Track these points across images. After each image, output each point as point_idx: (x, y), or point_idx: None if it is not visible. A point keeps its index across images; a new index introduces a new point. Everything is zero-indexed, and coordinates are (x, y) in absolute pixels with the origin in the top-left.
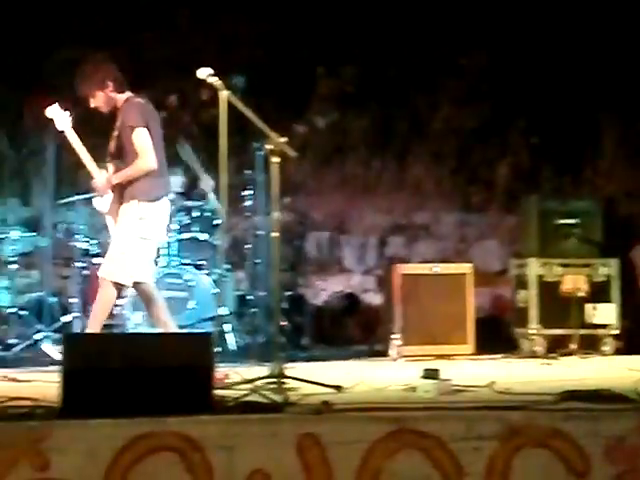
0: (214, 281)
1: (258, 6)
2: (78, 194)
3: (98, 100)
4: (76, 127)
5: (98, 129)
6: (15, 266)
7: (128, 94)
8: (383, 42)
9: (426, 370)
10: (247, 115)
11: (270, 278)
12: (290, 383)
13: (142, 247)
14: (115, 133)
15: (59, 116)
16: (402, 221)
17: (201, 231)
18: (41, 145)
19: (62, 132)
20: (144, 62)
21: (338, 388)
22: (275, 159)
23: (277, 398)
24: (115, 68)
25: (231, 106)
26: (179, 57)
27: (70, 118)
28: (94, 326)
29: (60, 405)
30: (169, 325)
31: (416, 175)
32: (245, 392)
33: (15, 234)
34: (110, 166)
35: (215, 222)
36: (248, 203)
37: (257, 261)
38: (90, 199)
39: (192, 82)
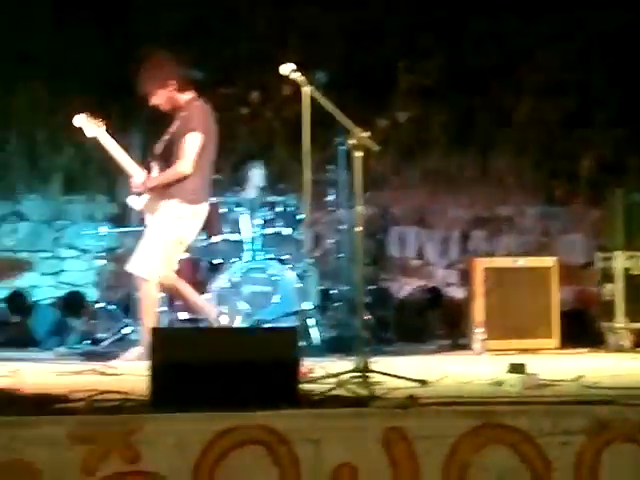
0: (298, 275)
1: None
2: None
3: (159, 98)
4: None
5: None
6: (103, 261)
7: (191, 94)
8: (464, 35)
9: (512, 364)
10: (330, 110)
11: (353, 272)
12: (375, 377)
13: (174, 246)
14: (166, 136)
15: (87, 124)
16: (485, 214)
17: (285, 226)
18: (126, 142)
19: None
20: (226, 58)
21: (423, 382)
22: (358, 153)
23: (363, 392)
24: (178, 67)
25: (313, 101)
26: (261, 53)
27: (101, 122)
28: (147, 323)
29: (149, 398)
30: (207, 307)
31: (499, 168)
32: (331, 386)
33: (103, 230)
34: (154, 166)
35: (298, 217)
36: (331, 198)
37: (340, 255)
38: None
39: (274, 78)
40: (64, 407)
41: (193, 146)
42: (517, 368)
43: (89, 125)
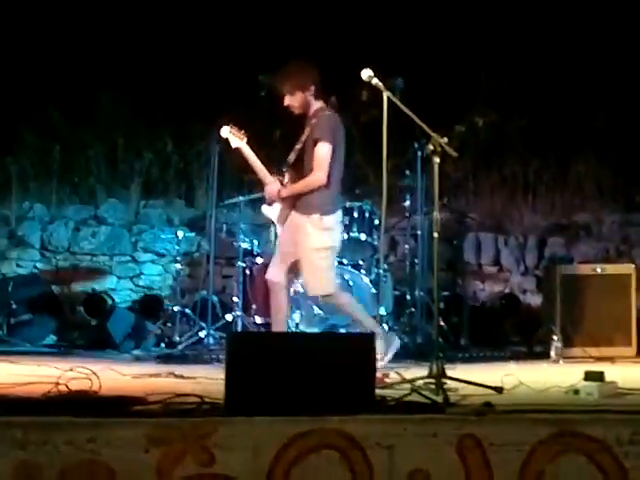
0: (373, 281)
1: (418, 8)
2: (241, 195)
3: (295, 100)
4: None
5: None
6: (180, 265)
7: (321, 103)
8: (543, 40)
9: (589, 372)
10: (409, 115)
11: (428, 278)
12: (450, 383)
13: (332, 256)
14: (298, 145)
15: (232, 135)
16: (562, 221)
17: (360, 231)
18: (206, 146)
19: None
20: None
21: (499, 390)
22: (436, 159)
23: (437, 398)
24: (320, 76)
25: (391, 107)
26: (338, 57)
27: (244, 134)
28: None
29: (224, 402)
30: (366, 322)
31: (577, 175)
32: (405, 392)
33: (180, 234)
34: (286, 176)
35: (374, 222)
36: (407, 203)
37: (415, 261)
38: (253, 200)
39: (352, 83)
40: (141, 409)
41: (325, 157)
42: (594, 376)
43: (234, 137)
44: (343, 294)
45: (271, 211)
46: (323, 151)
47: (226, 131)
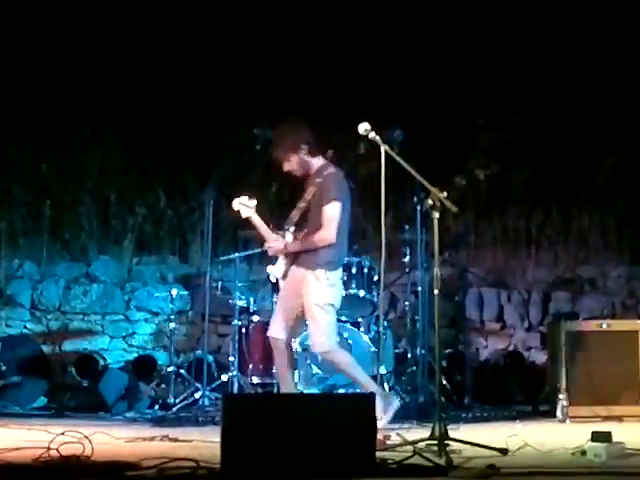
0: (372, 339)
1: (413, 58)
2: (237, 251)
3: (292, 164)
4: None
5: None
6: (174, 324)
7: (322, 160)
8: (544, 90)
9: (596, 432)
10: (407, 169)
11: (430, 335)
12: (453, 445)
13: (333, 313)
14: (302, 204)
15: (244, 206)
16: (567, 275)
17: (359, 287)
18: (199, 202)
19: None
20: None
21: (504, 451)
22: (435, 214)
23: (440, 461)
24: (310, 131)
25: (390, 160)
26: (334, 111)
27: (254, 203)
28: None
29: (220, 467)
30: (364, 382)
31: (581, 227)
32: (407, 454)
33: (174, 292)
34: (288, 234)
35: (373, 278)
36: (407, 259)
37: (416, 318)
38: (248, 256)
39: (349, 136)
40: (134, 475)
41: (334, 215)
42: (602, 437)
43: (245, 208)
44: (342, 352)
45: (275, 269)
46: (333, 210)
47: (237, 203)
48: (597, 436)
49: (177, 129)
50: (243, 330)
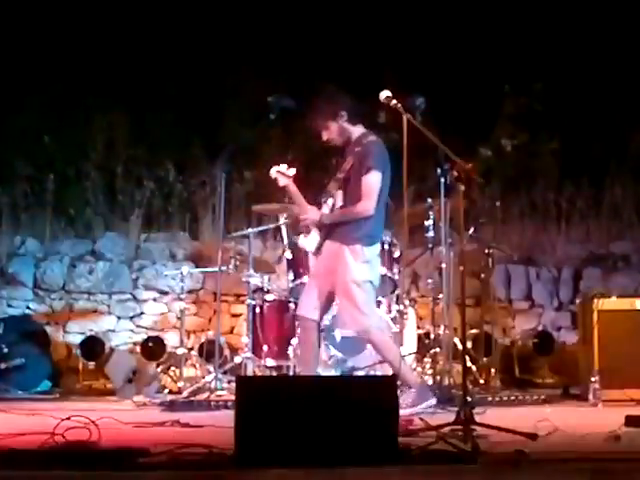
0: (393, 319)
1: (438, 23)
2: (250, 227)
3: (331, 132)
4: None
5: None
6: (184, 304)
7: (361, 128)
8: (573, 55)
9: (630, 417)
10: (430, 139)
11: (454, 315)
12: (479, 430)
13: (371, 290)
14: (340, 174)
15: (280, 175)
16: (599, 251)
17: (380, 264)
18: (210, 176)
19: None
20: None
21: (532, 436)
22: (461, 186)
23: (466, 447)
24: (349, 99)
25: (412, 130)
26: (353, 78)
27: (293, 172)
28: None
29: (234, 452)
30: (400, 367)
31: (614, 200)
32: (431, 440)
33: (184, 270)
34: (324, 206)
35: (394, 255)
36: (430, 234)
37: (440, 296)
38: (263, 232)
39: (369, 104)
40: (143, 462)
41: (374, 186)
42: (636, 421)
43: (283, 176)
44: (381, 333)
45: (308, 242)
46: (373, 180)
47: (274, 171)
48: (631, 420)
49: (186, 99)
50: (257, 310)
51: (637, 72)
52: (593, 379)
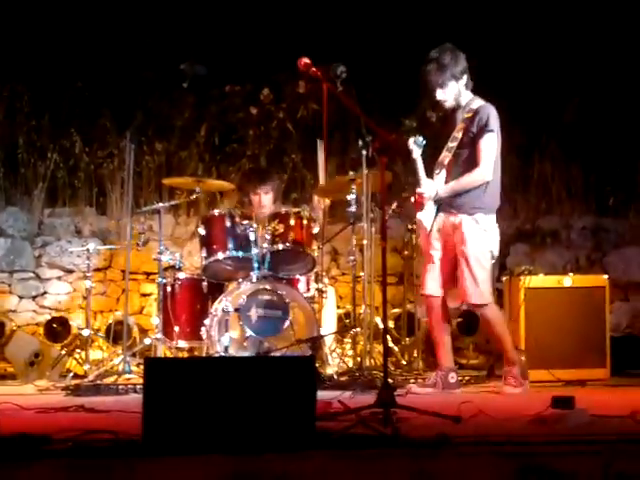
0: (312, 298)
1: None
2: (161, 202)
3: (448, 92)
4: None
5: None
6: (91, 282)
7: (471, 94)
8: (504, 24)
9: (557, 398)
10: (351, 109)
11: (376, 293)
12: (401, 413)
13: (491, 262)
14: (452, 143)
15: (417, 146)
16: (526, 227)
17: (298, 241)
18: (119, 148)
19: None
20: (235, 53)
21: (456, 419)
22: (383, 159)
23: (386, 430)
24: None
25: (333, 100)
26: (269, 45)
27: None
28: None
29: (142, 439)
30: (510, 349)
31: (543, 174)
32: (350, 424)
33: (91, 247)
34: (437, 178)
35: (313, 231)
36: (351, 209)
37: (361, 274)
38: (174, 207)
39: (288, 73)
40: (46, 449)
41: (491, 149)
42: (564, 402)
43: (417, 147)
44: (497, 309)
45: (425, 216)
46: (490, 143)
47: (412, 141)
48: (559, 401)
49: (93, 66)
50: (168, 289)
51: (568, 46)
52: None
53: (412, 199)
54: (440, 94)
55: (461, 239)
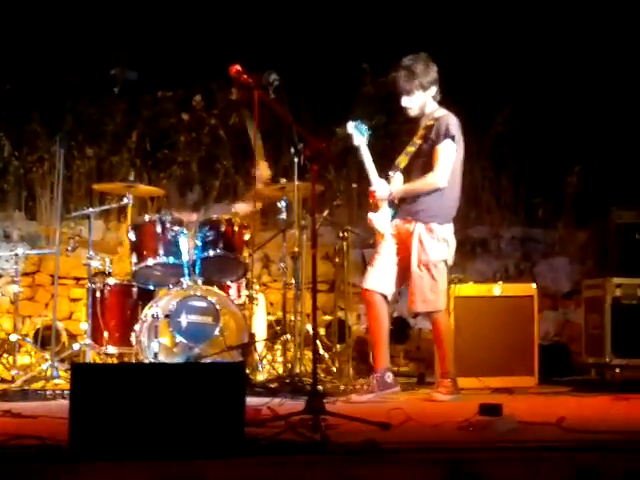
0: (242, 304)
1: None
2: (91, 207)
3: (414, 101)
4: None
5: None
6: (19, 287)
7: (436, 104)
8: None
9: (485, 405)
10: (282, 117)
11: (306, 300)
12: (330, 420)
13: (445, 270)
14: (410, 148)
15: (358, 132)
16: (456, 236)
17: (229, 248)
18: (49, 152)
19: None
20: (167, 59)
21: (385, 425)
22: (314, 167)
23: (315, 436)
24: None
25: (265, 107)
26: (201, 50)
27: (369, 133)
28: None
29: (68, 445)
30: (451, 360)
31: (473, 183)
32: (279, 430)
33: (20, 251)
34: (391, 180)
35: (244, 238)
36: (282, 216)
37: (292, 281)
38: (104, 212)
39: (219, 80)
40: None
41: (448, 156)
42: (491, 409)
43: (358, 134)
44: (447, 316)
45: (378, 218)
46: (448, 150)
47: (352, 126)
48: (486, 409)
49: (23, 69)
50: (98, 294)
51: (496, 54)
52: None
53: (338, 205)
54: (406, 101)
55: (415, 247)
